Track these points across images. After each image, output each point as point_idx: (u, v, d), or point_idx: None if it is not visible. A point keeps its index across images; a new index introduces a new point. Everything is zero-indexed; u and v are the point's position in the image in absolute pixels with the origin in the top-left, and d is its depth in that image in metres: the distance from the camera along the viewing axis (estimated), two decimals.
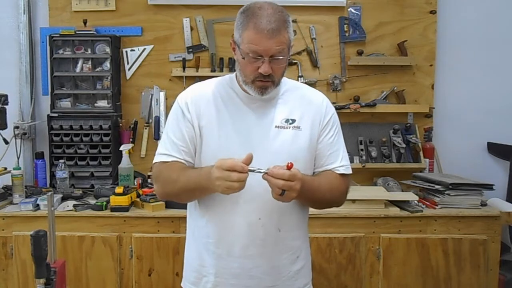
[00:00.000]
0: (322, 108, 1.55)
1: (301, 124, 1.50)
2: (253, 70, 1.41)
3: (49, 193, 1.57)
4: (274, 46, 1.36)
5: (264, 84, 1.42)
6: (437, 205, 2.51)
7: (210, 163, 1.40)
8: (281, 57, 1.39)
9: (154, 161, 1.52)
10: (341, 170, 1.54)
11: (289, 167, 1.30)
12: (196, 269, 1.56)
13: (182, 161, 1.48)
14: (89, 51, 2.86)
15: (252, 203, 1.44)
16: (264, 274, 1.50)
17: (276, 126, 1.48)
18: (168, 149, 1.49)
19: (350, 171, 1.57)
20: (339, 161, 1.54)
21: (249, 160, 1.30)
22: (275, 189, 1.31)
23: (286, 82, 1.56)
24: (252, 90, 1.44)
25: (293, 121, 1.50)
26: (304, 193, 1.38)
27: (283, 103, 1.52)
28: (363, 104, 2.90)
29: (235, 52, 1.46)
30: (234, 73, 1.54)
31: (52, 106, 2.85)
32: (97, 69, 2.88)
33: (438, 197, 2.52)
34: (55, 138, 2.81)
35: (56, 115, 2.84)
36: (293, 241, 1.54)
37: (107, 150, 2.81)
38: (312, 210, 2.50)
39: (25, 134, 2.92)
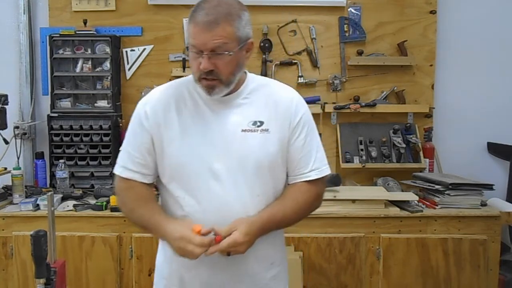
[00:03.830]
0: (291, 108, 1.43)
1: (270, 126, 1.40)
2: (197, 66, 1.32)
3: (49, 193, 1.57)
4: (211, 40, 1.27)
5: (209, 83, 1.33)
6: (437, 205, 2.51)
7: (174, 172, 1.38)
8: (224, 52, 1.29)
9: (114, 171, 1.45)
10: (313, 176, 1.43)
11: (218, 240, 1.27)
12: (165, 277, 1.50)
13: (137, 175, 1.41)
14: (89, 51, 2.86)
15: (219, 213, 1.37)
16: (236, 282, 1.44)
17: (242, 130, 1.38)
18: (124, 161, 1.43)
19: (323, 173, 1.46)
20: (311, 165, 1.44)
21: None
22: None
23: (254, 80, 1.46)
24: (201, 89, 1.36)
25: (261, 123, 1.40)
26: (267, 231, 1.38)
27: (250, 103, 1.42)
28: (363, 104, 2.90)
29: None
30: None
31: (52, 106, 2.85)
32: (97, 69, 2.88)
33: (438, 197, 2.52)
34: (55, 138, 2.81)
35: (56, 115, 2.84)
36: (265, 250, 1.45)
37: (107, 150, 2.81)
38: None
39: (25, 134, 2.92)
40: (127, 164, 1.42)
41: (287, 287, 1.57)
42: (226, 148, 1.37)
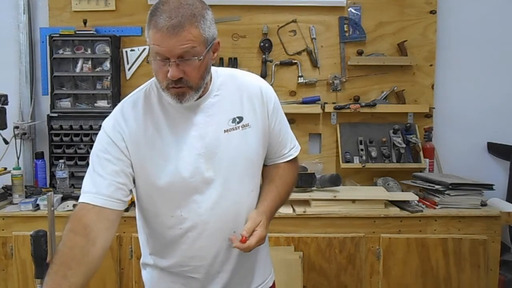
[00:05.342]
0: (264, 97, 1.41)
1: (250, 120, 1.37)
2: (164, 75, 1.22)
3: (49, 193, 1.57)
4: (178, 45, 1.18)
5: (179, 90, 1.24)
6: (437, 205, 2.51)
7: (164, 193, 1.32)
8: (193, 58, 1.21)
9: (79, 200, 1.30)
10: (294, 154, 1.51)
11: (244, 241, 1.26)
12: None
13: (110, 202, 1.27)
14: (89, 51, 2.86)
15: (220, 220, 1.37)
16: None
17: (225, 131, 1.34)
18: (96, 185, 1.27)
19: (299, 148, 1.54)
20: (289, 144, 1.50)
21: None
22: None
23: (218, 73, 1.39)
24: (170, 98, 1.26)
25: (240, 119, 1.36)
26: (272, 217, 1.42)
27: (222, 99, 1.36)
28: (363, 104, 2.89)
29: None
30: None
31: (52, 106, 2.85)
32: (97, 69, 2.88)
33: (438, 197, 2.52)
34: (55, 138, 2.81)
35: (56, 115, 2.84)
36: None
37: None
38: (312, 211, 2.50)
39: (25, 134, 2.92)
40: (100, 187, 1.26)
41: (273, 274, 1.56)
42: (213, 154, 1.33)
